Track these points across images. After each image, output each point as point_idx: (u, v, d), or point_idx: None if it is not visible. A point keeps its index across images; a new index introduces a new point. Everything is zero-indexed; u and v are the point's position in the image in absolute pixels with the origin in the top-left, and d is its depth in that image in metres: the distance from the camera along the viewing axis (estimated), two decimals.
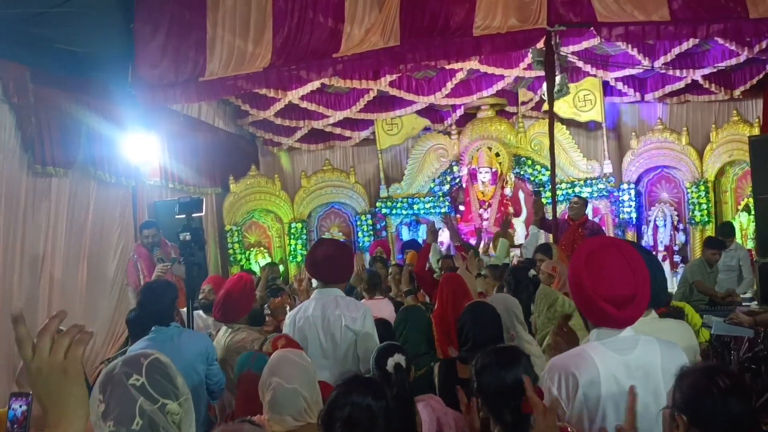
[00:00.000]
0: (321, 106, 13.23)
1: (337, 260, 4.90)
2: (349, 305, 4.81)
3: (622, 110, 14.19)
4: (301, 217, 13.75)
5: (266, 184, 13.54)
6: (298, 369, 3.47)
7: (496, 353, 2.93)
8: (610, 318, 2.77)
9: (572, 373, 2.76)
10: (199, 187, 11.97)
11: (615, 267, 2.78)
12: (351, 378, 3.02)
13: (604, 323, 2.83)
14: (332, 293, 4.84)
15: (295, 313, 4.92)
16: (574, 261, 2.89)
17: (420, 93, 13.11)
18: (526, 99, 14.05)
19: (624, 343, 2.79)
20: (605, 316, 2.77)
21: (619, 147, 13.96)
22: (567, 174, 13.34)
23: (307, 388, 3.40)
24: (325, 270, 4.88)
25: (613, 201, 13.09)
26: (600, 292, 2.75)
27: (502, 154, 13.35)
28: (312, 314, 4.77)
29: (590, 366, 2.75)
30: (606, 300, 2.74)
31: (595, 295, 2.75)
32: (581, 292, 2.82)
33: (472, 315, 4.45)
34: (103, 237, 9.37)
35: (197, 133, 12.17)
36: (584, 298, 2.81)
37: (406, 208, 13.98)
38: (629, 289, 2.75)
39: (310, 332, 4.73)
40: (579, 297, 2.87)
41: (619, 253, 2.81)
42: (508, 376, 2.80)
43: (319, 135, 14.68)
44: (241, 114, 13.69)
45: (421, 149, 14.15)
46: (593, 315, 2.86)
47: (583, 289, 2.80)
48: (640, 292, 2.76)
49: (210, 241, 12.28)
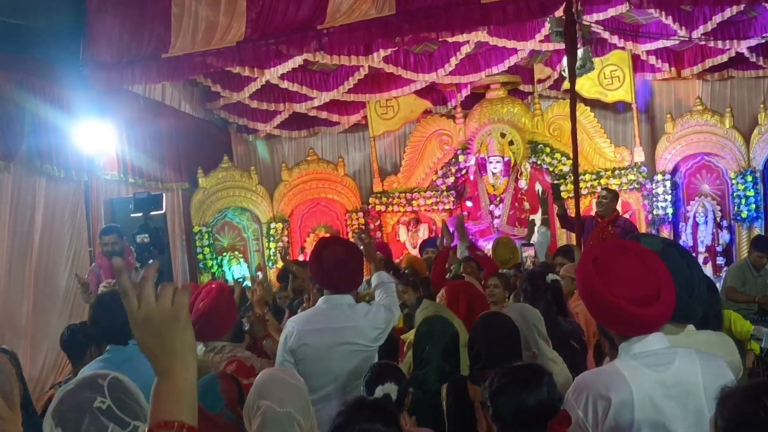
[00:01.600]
0: (304, 86, 13.25)
1: (348, 264, 4.87)
2: (369, 315, 4.81)
3: (655, 89, 14.24)
4: (281, 216, 13.77)
5: (241, 177, 13.57)
6: (291, 390, 3.42)
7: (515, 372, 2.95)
8: (636, 319, 2.78)
9: (601, 394, 2.77)
10: (162, 182, 11.97)
11: (628, 266, 2.81)
12: (356, 401, 3.03)
13: (631, 329, 2.84)
14: (344, 300, 4.83)
15: (297, 324, 4.84)
16: (580, 271, 2.92)
17: (419, 70, 13.14)
18: (544, 76, 14.11)
19: (659, 358, 2.81)
20: (630, 318, 2.78)
21: (652, 131, 14.01)
22: (591, 163, 13.37)
23: (301, 412, 3.37)
24: (336, 277, 4.84)
25: (645, 194, 13.12)
26: (617, 293, 2.76)
27: (516, 140, 13.38)
28: (327, 326, 4.73)
29: (622, 385, 2.75)
30: (625, 299, 2.75)
31: (612, 297, 2.77)
32: (597, 301, 2.84)
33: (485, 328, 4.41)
34: (52, 241, 9.36)
35: (160, 119, 12.18)
36: (602, 306, 2.83)
37: (404, 204, 14.02)
38: (650, 285, 2.78)
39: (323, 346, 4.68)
40: (595, 307, 2.88)
41: (628, 251, 2.86)
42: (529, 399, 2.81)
43: (301, 120, 14.71)
44: (212, 96, 13.71)
45: (421, 136, 14.19)
46: (616, 322, 2.87)
47: (598, 296, 2.82)
48: (664, 288, 2.79)
49: (176, 244, 12.29)
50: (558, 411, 2.87)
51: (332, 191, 14.09)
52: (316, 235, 13.82)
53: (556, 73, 13.72)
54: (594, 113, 13.55)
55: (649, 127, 14.10)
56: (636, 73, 13.53)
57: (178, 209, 12.76)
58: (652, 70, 13.64)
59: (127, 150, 10.84)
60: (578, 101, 11.53)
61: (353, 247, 5.19)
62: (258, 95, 13.43)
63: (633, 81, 13.37)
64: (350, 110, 14.61)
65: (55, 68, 9.38)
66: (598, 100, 13.70)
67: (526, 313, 4.91)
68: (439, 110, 14.57)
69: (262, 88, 13.15)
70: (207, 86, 13.15)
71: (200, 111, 13.94)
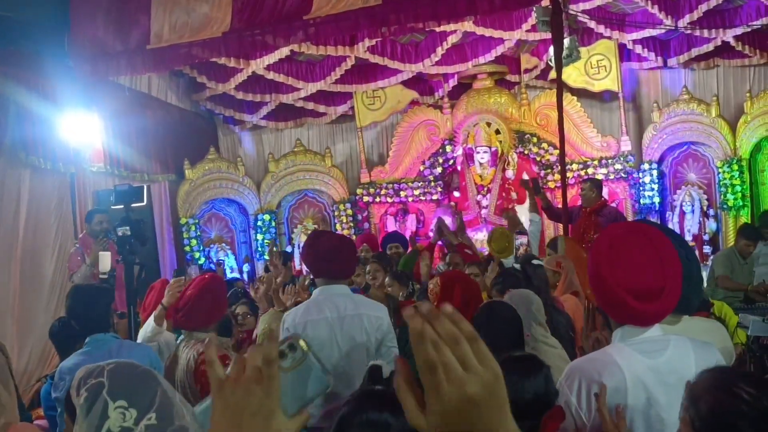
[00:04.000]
0: (290, 77, 13.22)
1: (342, 252, 4.92)
2: (367, 303, 4.84)
3: (641, 78, 14.25)
4: (269, 208, 13.75)
5: (227, 169, 13.55)
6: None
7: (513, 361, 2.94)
8: (632, 312, 2.79)
9: (594, 379, 2.77)
10: (149, 174, 11.94)
11: (641, 255, 2.78)
12: (363, 391, 2.98)
13: (627, 319, 2.85)
14: (341, 290, 4.86)
15: (295, 317, 4.82)
16: (595, 249, 2.90)
17: (406, 60, 13.13)
18: (530, 66, 14.10)
19: (653, 345, 2.81)
20: (626, 309, 2.79)
21: (639, 121, 14.02)
22: (579, 153, 13.39)
23: None
24: (331, 264, 4.87)
25: (632, 183, 13.14)
26: (621, 282, 2.76)
27: (503, 130, 13.37)
28: (328, 315, 4.73)
29: (615, 371, 2.76)
30: (627, 291, 2.75)
31: (616, 286, 2.76)
32: (601, 284, 2.84)
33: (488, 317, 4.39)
34: (37, 233, 9.33)
35: (146, 110, 12.14)
36: (604, 290, 2.83)
37: (391, 195, 14.00)
38: (656, 280, 2.76)
39: (323, 340, 4.66)
40: (599, 289, 2.88)
41: (646, 240, 2.82)
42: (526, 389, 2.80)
43: (288, 111, 14.66)
44: (197, 87, 13.65)
45: (408, 126, 14.17)
46: (614, 310, 2.88)
47: (602, 280, 2.81)
48: (669, 285, 2.77)
49: (163, 236, 12.25)
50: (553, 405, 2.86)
51: (319, 182, 14.07)
52: (304, 226, 13.81)
53: (542, 62, 13.70)
54: (580, 103, 13.55)
55: (635, 117, 14.10)
56: (622, 62, 13.51)
57: (165, 201, 12.71)
58: (639, 60, 13.65)
59: (113, 142, 10.79)
60: (565, 91, 11.52)
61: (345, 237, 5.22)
62: (244, 86, 13.37)
63: (619, 70, 13.34)
64: (337, 101, 14.56)
65: (40, 59, 9.35)
66: (584, 89, 13.68)
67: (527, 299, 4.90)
68: (426, 100, 14.55)
69: (248, 79, 13.09)
70: (193, 77, 13.10)
71: (186, 102, 13.89)
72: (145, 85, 12.33)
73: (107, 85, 10.70)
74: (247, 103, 14.12)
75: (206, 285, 5.25)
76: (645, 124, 13.62)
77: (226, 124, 15.11)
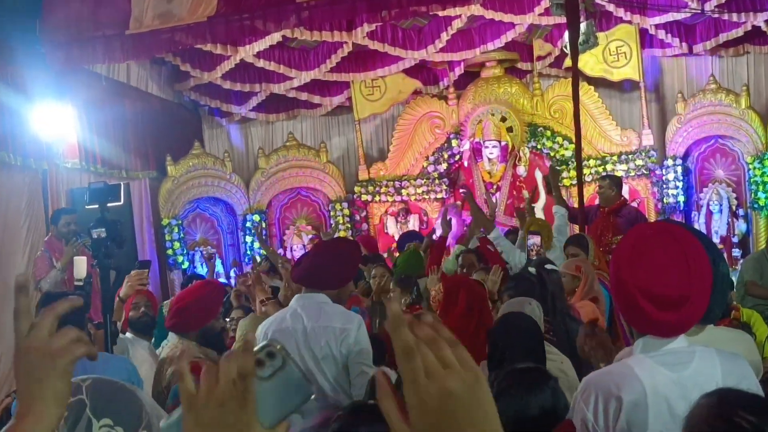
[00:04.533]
0: (282, 65, 13.23)
1: (328, 259, 4.85)
2: (337, 314, 4.73)
3: (664, 66, 14.25)
4: (258, 207, 13.75)
5: (214, 165, 13.54)
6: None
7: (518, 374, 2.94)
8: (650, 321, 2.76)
9: (613, 393, 2.75)
10: (128, 170, 11.94)
11: (666, 258, 2.75)
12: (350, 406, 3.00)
13: (646, 328, 2.82)
14: (316, 299, 4.77)
15: (266, 326, 4.84)
16: (618, 250, 2.90)
17: (408, 47, 13.12)
18: (544, 53, 14.08)
19: (677, 357, 2.79)
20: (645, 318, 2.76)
21: (662, 113, 14.03)
22: (596, 148, 13.40)
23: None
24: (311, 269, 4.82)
25: (654, 181, 13.14)
26: (641, 287, 2.72)
27: (514, 123, 13.36)
28: (291, 326, 4.69)
29: (635, 385, 2.74)
30: (647, 297, 2.71)
31: (635, 290, 2.73)
32: (620, 288, 2.82)
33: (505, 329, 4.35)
34: (6, 234, 9.33)
35: (125, 101, 12.14)
36: (624, 296, 2.81)
37: (392, 193, 14.00)
38: (680, 287, 2.72)
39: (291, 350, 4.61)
40: (618, 294, 2.87)
41: (673, 241, 2.79)
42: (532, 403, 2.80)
43: (280, 102, 14.68)
44: (181, 76, 13.66)
45: (411, 118, 14.19)
46: (633, 317, 2.86)
47: (622, 284, 2.80)
48: (696, 294, 2.73)
49: (143, 238, 12.24)
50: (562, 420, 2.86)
51: (314, 179, 14.07)
52: (296, 227, 13.81)
53: (557, 49, 13.69)
54: (598, 93, 13.55)
55: (658, 108, 14.10)
56: (644, 49, 13.51)
57: (145, 200, 12.69)
58: (662, 46, 13.64)
59: (89, 136, 10.78)
60: (581, 80, 11.51)
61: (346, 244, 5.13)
62: (232, 75, 13.37)
63: (640, 58, 13.34)
64: (333, 91, 14.57)
65: (9, 45, 9.35)
66: (602, 78, 13.69)
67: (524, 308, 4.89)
68: (429, 90, 14.55)
69: (236, 68, 13.10)
70: (176, 65, 13.09)
71: (168, 92, 13.89)
72: (123, 73, 12.32)
73: (82, 74, 10.70)
74: (234, 93, 14.12)
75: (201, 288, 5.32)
76: (668, 116, 13.62)
77: (211, 116, 15.12)
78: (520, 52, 14.11)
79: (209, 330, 5.41)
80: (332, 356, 4.64)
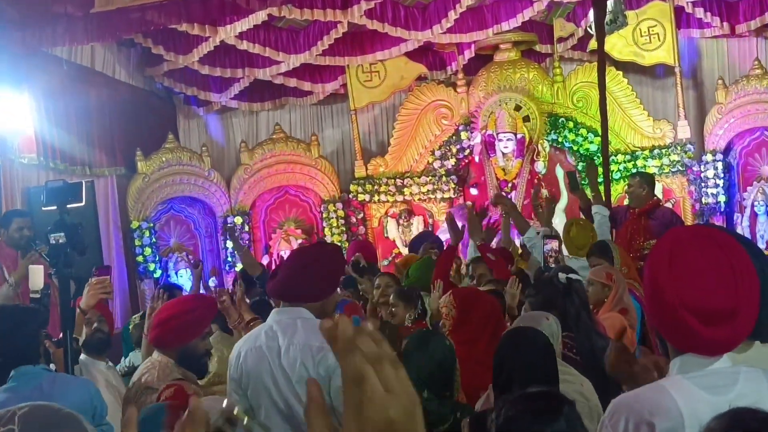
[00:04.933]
0: (267, 47, 13.23)
1: (306, 266, 4.79)
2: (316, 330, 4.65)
3: (703, 49, 14.27)
4: (241, 208, 13.77)
5: (190, 160, 13.56)
6: None
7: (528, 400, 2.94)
8: (696, 339, 2.74)
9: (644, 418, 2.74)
10: (92, 167, 11.94)
11: (708, 266, 2.74)
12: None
13: (689, 346, 2.80)
14: (294, 314, 4.69)
15: (240, 344, 4.78)
16: (652, 257, 2.88)
17: (411, 27, 13.11)
18: (565, 34, 14.09)
19: (719, 378, 2.78)
20: (688, 334, 2.74)
21: (700, 101, 14.05)
22: (625, 141, 13.41)
23: None
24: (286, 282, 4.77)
25: (692, 179, 13.14)
26: (683, 299, 2.71)
27: (532, 113, 13.38)
28: (264, 345, 4.60)
29: (670, 409, 2.73)
30: (691, 311, 2.70)
31: (677, 303, 2.71)
32: (659, 299, 2.81)
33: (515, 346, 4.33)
34: None
35: (89, 88, 12.14)
36: (662, 308, 2.80)
37: (393, 192, 14.02)
38: (727, 299, 2.71)
39: (261, 373, 4.55)
40: (655, 308, 2.87)
41: (715, 246, 2.78)
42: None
43: (265, 89, 14.71)
44: (152, 60, 13.66)
45: (414, 108, 14.20)
46: (674, 333, 2.84)
47: (661, 295, 2.78)
48: (744, 307, 2.72)
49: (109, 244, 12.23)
50: None
51: (304, 177, 14.10)
52: (284, 231, 13.80)
53: (580, 29, 13.69)
54: (628, 79, 13.56)
55: (695, 96, 14.12)
56: (679, 29, 13.53)
57: (112, 200, 12.67)
58: (700, 26, 13.65)
59: (48, 128, 10.77)
60: (608, 65, 11.52)
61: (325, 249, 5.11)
62: (210, 59, 13.39)
63: (676, 39, 13.35)
64: (325, 77, 14.59)
65: None
66: (632, 63, 13.71)
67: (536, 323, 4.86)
68: (436, 76, 14.59)
69: (216, 50, 13.11)
70: (147, 48, 13.09)
71: (138, 79, 13.90)
72: (87, 57, 12.30)
73: (41, 58, 10.71)
74: (214, 79, 14.13)
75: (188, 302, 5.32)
76: (707, 105, 13.63)
77: (187, 105, 15.14)
78: (538, 33, 14.11)
79: (190, 350, 5.36)
80: (307, 377, 4.48)
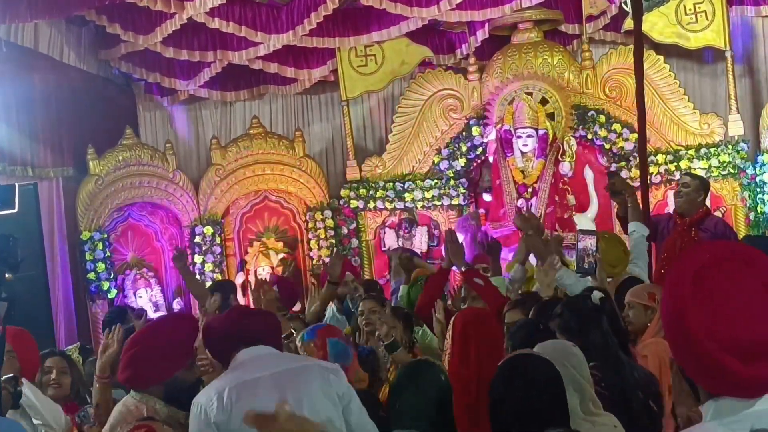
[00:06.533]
0: (243, 26, 13.21)
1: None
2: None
3: (758, 30, 14.28)
4: (212, 216, 13.78)
5: (152, 160, 13.58)
6: None
7: None
8: (733, 379, 2.71)
9: None
10: (34, 167, 11.88)
11: (742, 293, 2.71)
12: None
13: (724, 388, 2.78)
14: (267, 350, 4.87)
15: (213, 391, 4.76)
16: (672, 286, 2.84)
17: (413, 3, 13.09)
18: (596, 12, 14.09)
19: (757, 422, 2.75)
20: (724, 375, 2.72)
21: (755, 92, 14.06)
22: (666, 139, 13.41)
23: None
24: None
25: (745, 183, 13.11)
26: (718, 336, 2.68)
27: (556, 105, 13.36)
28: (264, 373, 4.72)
29: None
30: (727, 349, 2.67)
31: (709, 342, 2.68)
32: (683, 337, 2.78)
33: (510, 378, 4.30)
34: None
35: (32, 74, 12.14)
36: (688, 347, 2.77)
37: (392, 198, 14.01)
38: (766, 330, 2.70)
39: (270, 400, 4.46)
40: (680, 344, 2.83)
41: (747, 269, 2.75)
42: None
43: (241, 76, 14.75)
44: (107, 41, 13.68)
45: (417, 99, 14.21)
46: (705, 374, 2.80)
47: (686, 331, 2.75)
48: None
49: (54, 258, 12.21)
50: None
51: (286, 180, 14.13)
52: (262, 243, 13.79)
53: (613, 6, 13.70)
54: (670, 65, 13.57)
55: (750, 86, 14.15)
56: (731, 6, 13.54)
57: (58, 206, 12.64)
58: (755, 3, 13.67)
59: None
60: (647, 48, 11.53)
61: None
62: (176, 40, 13.41)
63: (726, 18, 13.35)
64: (312, 62, 14.63)
65: None
66: (675, 46, 13.72)
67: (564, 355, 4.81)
68: (443, 61, 14.62)
69: (183, 30, 13.10)
70: (101, 27, 13.10)
71: (91, 63, 13.91)
72: (30, 37, 12.28)
73: None
74: (180, 63, 14.16)
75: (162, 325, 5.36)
76: (764, 96, 13.64)
77: (149, 94, 15.16)
78: (564, 10, 14.12)
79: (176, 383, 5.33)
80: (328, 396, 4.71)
